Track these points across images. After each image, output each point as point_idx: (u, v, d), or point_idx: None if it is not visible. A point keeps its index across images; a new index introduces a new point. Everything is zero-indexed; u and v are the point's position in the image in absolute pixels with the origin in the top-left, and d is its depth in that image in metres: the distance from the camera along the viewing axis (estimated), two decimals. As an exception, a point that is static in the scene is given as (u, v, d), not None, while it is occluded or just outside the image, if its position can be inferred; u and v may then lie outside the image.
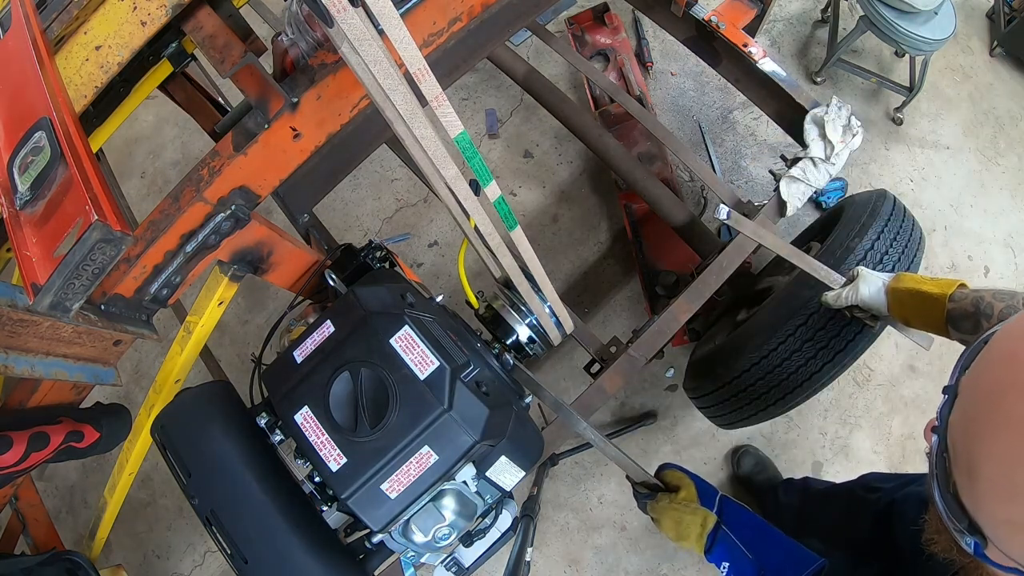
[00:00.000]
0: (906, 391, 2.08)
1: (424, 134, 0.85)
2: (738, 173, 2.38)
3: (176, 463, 0.95)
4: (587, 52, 2.52)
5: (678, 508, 1.05)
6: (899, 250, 1.38)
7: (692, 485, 1.07)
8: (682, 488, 1.07)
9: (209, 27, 1.01)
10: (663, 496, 1.08)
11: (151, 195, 2.66)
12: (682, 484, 1.08)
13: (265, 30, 2.36)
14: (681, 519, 1.04)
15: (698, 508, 1.03)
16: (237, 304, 2.41)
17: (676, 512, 1.05)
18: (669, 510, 1.06)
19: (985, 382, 0.47)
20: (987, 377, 0.47)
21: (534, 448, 1.10)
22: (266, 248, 1.12)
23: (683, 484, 1.08)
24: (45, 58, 0.92)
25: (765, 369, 1.42)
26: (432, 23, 1.02)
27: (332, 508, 0.93)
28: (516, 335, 1.32)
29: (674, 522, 1.05)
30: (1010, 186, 2.36)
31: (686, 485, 1.07)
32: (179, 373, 1.18)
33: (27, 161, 0.80)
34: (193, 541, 2.17)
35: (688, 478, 1.08)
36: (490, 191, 0.95)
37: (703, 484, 1.07)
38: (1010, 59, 2.58)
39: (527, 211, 2.38)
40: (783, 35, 2.62)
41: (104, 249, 0.75)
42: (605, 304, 2.25)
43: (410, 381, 0.89)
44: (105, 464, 2.25)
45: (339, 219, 2.46)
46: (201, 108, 1.61)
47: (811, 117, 1.59)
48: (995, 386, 0.45)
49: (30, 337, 0.92)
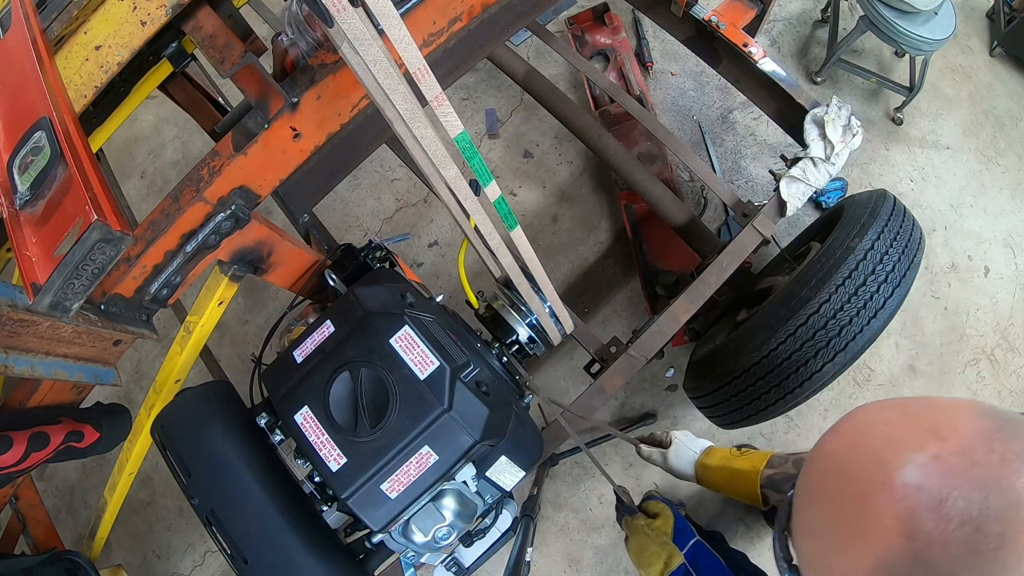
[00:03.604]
0: (906, 391, 2.08)
1: (424, 134, 0.85)
2: (738, 173, 2.38)
3: (176, 463, 0.95)
4: (587, 52, 2.52)
5: (648, 534, 1.03)
6: (899, 250, 1.38)
7: (671, 518, 1.04)
8: (660, 517, 1.05)
9: (209, 27, 1.01)
10: (640, 517, 1.07)
11: (151, 195, 2.66)
12: (661, 514, 1.06)
13: (265, 30, 2.36)
14: (647, 546, 1.02)
15: (667, 543, 1.01)
16: (237, 304, 2.41)
17: (645, 538, 1.03)
18: (640, 532, 1.04)
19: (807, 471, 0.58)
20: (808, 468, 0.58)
21: (534, 448, 1.10)
22: (266, 248, 1.12)
23: (662, 514, 1.05)
24: (45, 58, 0.92)
25: (765, 369, 1.42)
26: (432, 23, 1.02)
27: (332, 508, 0.93)
28: (516, 335, 1.32)
29: (640, 547, 1.03)
30: (1010, 186, 2.36)
31: (665, 517, 1.05)
32: (179, 373, 1.18)
33: (27, 161, 0.80)
34: (193, 541, 2.17)
35: (670, 511, 1.06)
36: (490, 191, 0.95)
37: (683, 523, 1.04)
38: (1010, 59, 2.58)
39: (527, 211, 2.38)
40: (783, 35, 2.62)
41: (104, 249, 0.75)
42: (605, 304, 2.25)
43: (410, 381, 0.89)
44: (105, 464, 2.25)
45: (339, 219, 2.46)
46: (201, 108, 1.61)
47: (811, 117, 1.59)
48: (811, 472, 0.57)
49: (30, 337, 0.92)
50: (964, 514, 0.45)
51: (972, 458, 0.46)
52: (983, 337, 2.14)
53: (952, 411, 0.50)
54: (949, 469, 0.46)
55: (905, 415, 0.52)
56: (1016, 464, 0.45)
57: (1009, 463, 0.46)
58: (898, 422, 0.52)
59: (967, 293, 2.19)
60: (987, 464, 0.46)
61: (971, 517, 0.45)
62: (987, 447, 0.47)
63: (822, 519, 0.54)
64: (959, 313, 2.16)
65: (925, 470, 0.47)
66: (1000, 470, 0.45)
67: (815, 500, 0.56)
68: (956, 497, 0.45)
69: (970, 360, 2.11)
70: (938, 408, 0.51)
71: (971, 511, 0.45)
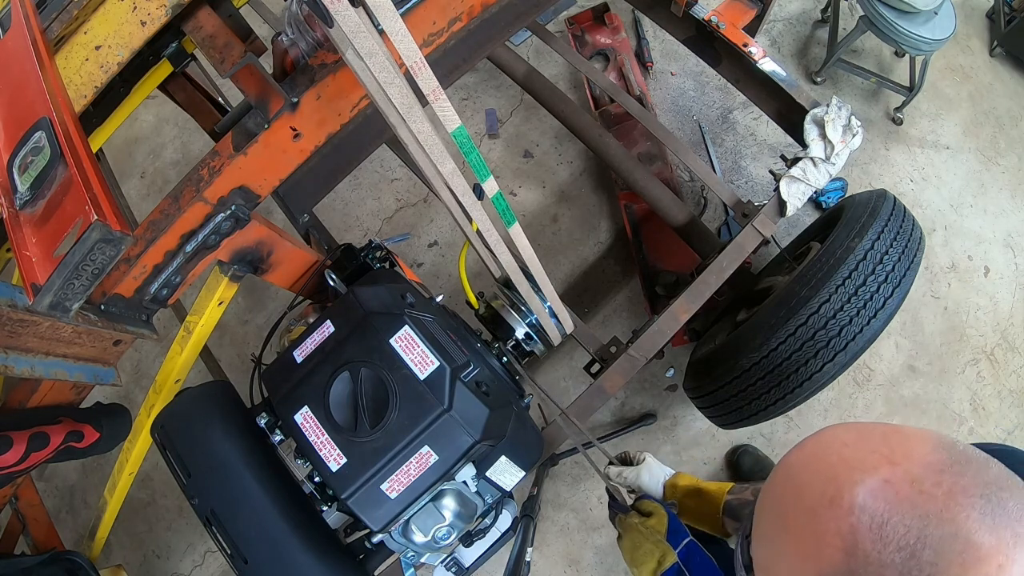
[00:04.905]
0: (906, 391, 2.08)
1: (421, 128, 0.85)
2: (738, 173, 2.38)
3: (176, 463, 0.95)
4: (587, 52, 2.52)
5: (642, 532, 1.03)
6: (899, 250, 1.38)
7: (665, 517, 1.04)
8: (654, 516, 1.05)
9: (209, 27, 1.01)
10: (634, 515, 1.06)
11: (151, 195, 2.66)
12: (656, 513, 1.05)
13: (265, 30, 2.36)
14: (641, 544, 1.02)
15: (662, 542, 1.00)
16: (237, 304, 2.41)
17: (639, 536, 1.03)
18: (633, 530, 1.04)
19: (769, 480, 0.60)
20: (770, 478, 0.60)
21: (534, 448, 1.10)
22: (266, 248, 1.12)
23: (656, 513, 1.05)
24: (45, 58, 0.92)
25: (765, 369, 1.42)
26: (432, 23, 1.02)
27: (332, 508, 0.93)
28: (516, 335, 1.32)
29: (633, 544, 1.03)
30: (1010, 186, 2.36)
31: (659, 516, 1.05)
32: (179, 373, 1.18)
33: (27, 161, 0.80)
34: (193, 541, 2.17)
35: (664, 510, 1.06)
36: (488, 187, 0.95)
37: (676, 523, 1.05)
38: (1010, 59, 2.58)
39: (527, 211, 2.38)
40: (783, 35, 2.62)
41: (104, 249, 0.75)
42: (605, 304, 2.25)
43: (410, 381, 0.89)
44: (105, 464, 2.25)
45: (339, 219, 2.46)
46: (201, 108, 1.61)
47: (811, 117, 1.59)
48: (771, 489, 0.59)
49: (30, 337, 0.92)
50: (902, 540, 0.46)
51: (919, 487, 0.48)
52: (983, 337, 2.14)
53: (910, 440, 0.52)
54: (895, 494, 0.48)
55: (864, 438, 0.53)
56: (960, 499, 0.47)
57: (954, 496, 0.47)
58: (856, 444, 0.53)
59: (967, 293, 2.19)
60: (932, 495, 0.47)
61: (908, 544, 0.46)
62: (936, 479, 0.48)
63: (775, 528, 0.57)
64: (959, 313, 2.16)
65: (873, 493, 0.49)
66: (944, 502, 0.47)
67: (771, 509, 0.58)
68: (897, 522, 0.47)
69: (970, 360, 2.11)
70: (898, 435, 0.53)
71: (909, 538, 0.46)
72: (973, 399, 2.07)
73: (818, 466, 0.54)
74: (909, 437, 0.52)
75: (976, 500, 0.47)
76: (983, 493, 0.47)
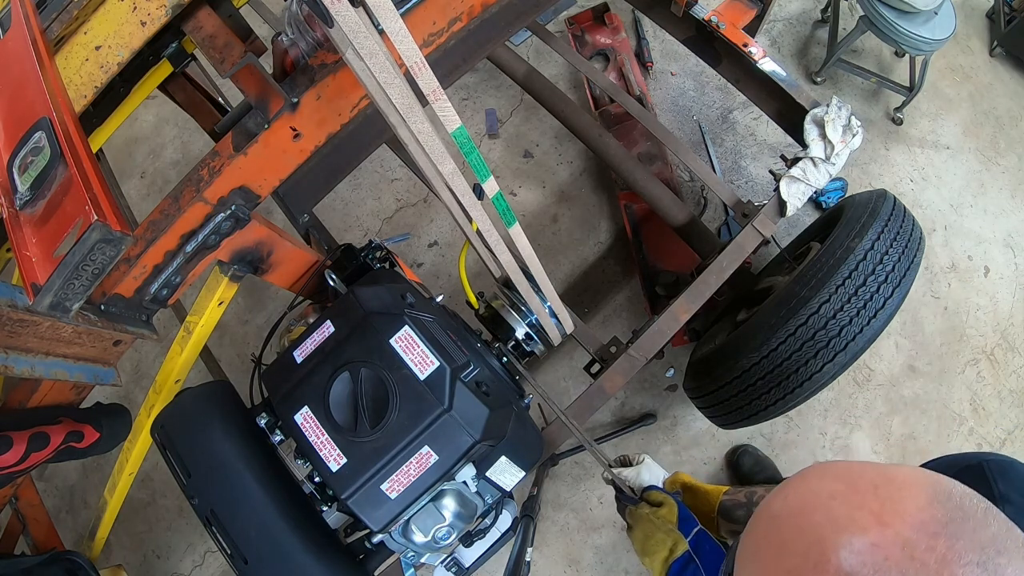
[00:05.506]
0: (906, 391, 2.08)
1: (421, 129, 0.85)
2: (738, 173, 2.38)
3: (176, 463, 0.95)
4: (587, 52, 2.52)
5: (654, 522, 1.03)
6: (899, 250, 1.38)
7: (675, 507, 1.05)
8: (665, 506, 1.06)
9: (209, 27, 1.01)
10: (644, 506, 1.08)
11: (151, 195, 2.66)
12: (665, 503, 1.07)
13: (265, 30, 2.36)
14: (653, 534, 1.03)
15: (674, 530, 1.02)
16: (237, 304, 2.41)
17: (651, 525, 1.04)
18: (645, 520, 1.05)
19: (751, 528, 0.58)
20: (751, 526, 0.58)
21: (534, 448, 1.10)
22: (266, 248, 1.12)
23: (666, 503, 1.06)
24: (45, 58, 0.92)
25: (765, 369, 1.42)
26: (432, 23, 1.02)
27: (332, 508, 0.93)
28: (516, 335, 1.32)
29: (645, 535, 1.04)
30: (1010, 186, 2.36)
31: (670, 506, 1.06)
32: (179, 373, 1.18)
33: (27, 161, 0.80)
34: (193, 541, 2.17)
35: (673, 500, 1.07)
36: (488, 186, 0.95)
37: (686, 512, 1.06)
38: (1010, 59, 2.58)
39: (527, 211, 2.38)
40: (783, 35, 2.62)
41: (104, 249, 0.75)
42: (605, 304, 2.25)
43: (410, 381, 0.89)
44: (105, 464, 2.25)
45: (339, 219, 2.46)
46: (201, 108, 1.61)
47: (811, 117, 1.59)
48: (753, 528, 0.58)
49: (30, 337, 0.92)
50: None
51: (911, 552, 0.45)
52: (983, 337, 2.14)
53: (903, 491, 0.49)
54: (884, 560, 0.45)
55: (853, 490, 0.50)
56: (953, 567, 0.44)
57: (947, 564, 0.44)
58: (844, 497, 0.50)
59: (967, 293, 2.19)
60: (924, 563, 0.44)
61: None
62: (929, 543, 0.45)
63: None
64: (959, 313, 2.16)
65: (860, 557, 0.46)
66: (936, 570, 0.44)
67: (753, 562, 0.55)
68: None
69: (970, 360, 2.11)
70: (889, 486, 0.50)
71: None
72: (973, 399, 2.07)
73: (802, 522, 0.51)
74: (902, 488, 0.49)
75: (972, 569, 0.44)
76: (980, 560, 0.44)
